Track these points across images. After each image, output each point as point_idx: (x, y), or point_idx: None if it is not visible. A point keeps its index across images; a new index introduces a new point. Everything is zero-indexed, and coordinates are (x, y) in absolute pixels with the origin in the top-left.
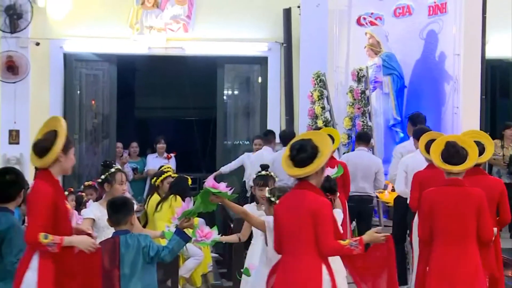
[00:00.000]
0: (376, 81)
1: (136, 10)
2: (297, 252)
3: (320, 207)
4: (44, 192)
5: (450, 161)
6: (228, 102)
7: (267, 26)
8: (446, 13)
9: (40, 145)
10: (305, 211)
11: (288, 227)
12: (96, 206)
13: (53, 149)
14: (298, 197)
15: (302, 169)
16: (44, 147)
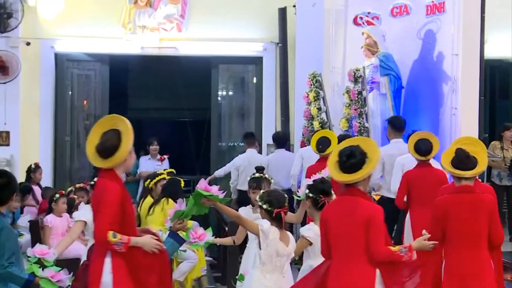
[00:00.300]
0: (373, 82)
1: (129, 9)
2: (350, 258)
3: (374, 214)
4: (113, 190)
5: (461, 167)
6: (222, 103)
7: (262, 26)
8: (444, 13)
9: (106, 145)
10: (359, 217)
11: (340, 233)
12: (88, 209)
13: (121, 149)
14: (349, 204)
15: (351, 175)
16: (111, 147)
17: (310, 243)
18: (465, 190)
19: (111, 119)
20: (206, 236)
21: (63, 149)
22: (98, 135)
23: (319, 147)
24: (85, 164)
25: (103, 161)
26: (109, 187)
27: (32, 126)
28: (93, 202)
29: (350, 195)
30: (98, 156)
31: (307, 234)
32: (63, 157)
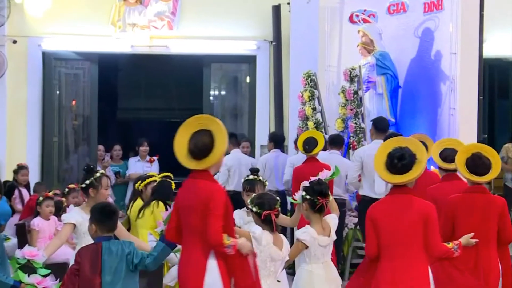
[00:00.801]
0: (369, 81)
1: (119, 7)
2: (407, 255)
3: (431, 211)
4: (221, 192)
5: (476, 171)
6: (215, 103)
7: (256, 24)
8: (442, 10)
9: (200, 146)
10: (416, 215)
11: (395, 232)
12: (78, 211)
13: (216, 149)
14: (403, 202)
15: (402, 177)
16: (205, 148)
17: (306, 247)
18: (478, 190)
19: (198, 119)
20: None
21: (51, 150)
22: (186, 136)
23: (306, 148)
24: (73, 165)
25: (198, 163)
26: (216, 189)
27: (19, 126)
28: (196, 204)
29: (401, 194)
30: (191, 158)
31: (302, 237)
32: (50, 158)
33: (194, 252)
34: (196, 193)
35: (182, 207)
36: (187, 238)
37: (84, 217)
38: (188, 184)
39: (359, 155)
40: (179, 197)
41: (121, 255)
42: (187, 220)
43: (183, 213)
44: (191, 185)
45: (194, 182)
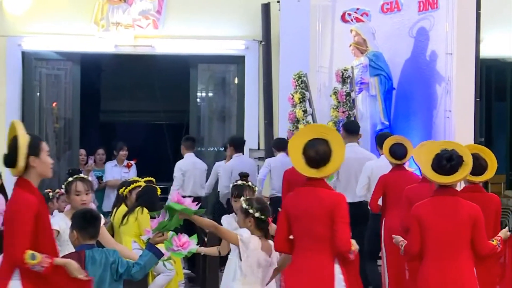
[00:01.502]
0: (362, 82)
1: (102, 5)
2: (455, 254)
3: (479, 212)
4: (345, 200)
5: (472, 172)
6: (201, 105)
7: (244, 23)
8: (437, 9)
9: (321, 155)
10: (465, 216)
11: (444, 232)
12: (62, 217)
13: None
14: (450, 203)
15: (451, 177)
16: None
17: None
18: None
19: (317, 127)
20: (190, 245)
21: None
22: (301, 145)
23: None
24: (54, 170)
25: (317, 171)
26: (341, 198)
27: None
28: (322, 213)
29: (448, 195)
30: (309, 166)
31: None
32: None
33: (320, 259)
34: (320, 202)
35: (300, 215)
36: (307, 245)
37: (68, 223)
38: (305, 192)
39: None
40: (294, 205)
41: (105, 264)
42: (308, 228)
43: (301, 221)
44: (310, 193)
45: (314, 191)
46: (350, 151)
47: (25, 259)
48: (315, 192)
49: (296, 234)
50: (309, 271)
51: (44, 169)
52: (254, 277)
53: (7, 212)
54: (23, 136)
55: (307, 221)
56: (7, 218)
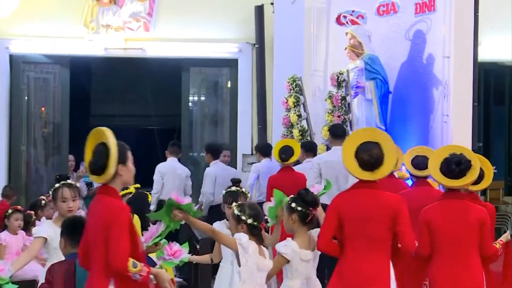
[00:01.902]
0: (358, 86)
1: (91, 7)
2: (464, 257)
3: (486, 215)
4: (404, 201)
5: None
6: (194, 109)
7: (238, 25)
8: (434, 11)
9: (376, 157)
10: (474, 219)
11: (454, 234)
12: (49, 224)
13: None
14: (460, 207)
15: (460, 181)
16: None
17: (287, 261)
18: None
19: (369, 131)
20: (182, 253)
21: (19, 160)
22: (353, 148)
23: (282, 156)
24: (42, 175)
25: (371, 174)
26: (400, 200)
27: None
28: (381, 215)
29: (456, 199)
30: (363, 169)
31: (283, 251)
32: (18, 168)
33: (377, 260)
34: (381, 204)
35: (356, 216)
36: (361, 246)
37: (56, 231)
38: (361, 194)
39: (317, 162)
40: (348, 206)
41: None
42: (364, 229)
43: (356, 222)
44: (368, 195)
45: (372, 193)
46: (334, 155)
47: (128, 267)
48: (374, 194)
49: (349, 235)
50: (366, 272)
51: (129, 177)
52: (253, 282)
53: (98, 220)
54: (114, 144)
55: (364, 222)
56: (100, 227)
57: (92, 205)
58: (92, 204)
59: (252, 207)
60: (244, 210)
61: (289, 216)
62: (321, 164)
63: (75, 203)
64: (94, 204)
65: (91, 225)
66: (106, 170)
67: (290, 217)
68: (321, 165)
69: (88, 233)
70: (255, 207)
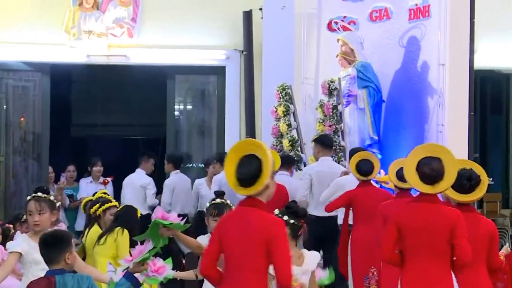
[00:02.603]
0: (350, 95)
1: (73, 12)
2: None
3: (495, 228)
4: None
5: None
6: (180, 118)
7: (225, 31)
8: (429, 17)
9: (437, 171)
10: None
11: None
12: (25, 238)
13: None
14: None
15: (470, 196)
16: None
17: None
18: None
19: (430, 146)
20: (166, 270)
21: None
22: (416, 160)
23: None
24: (22, 187)
25: (431, 187)
26: (459, 214)
27: None
28: (441, 227)
29: (467, 212)
30: (422, 182)
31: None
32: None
33: (440, 271)
34: (442, 217)
35: (418, 228)
36: (423, 258)
37: (32, 245)
38: (422, 207)
39: (308, 173)
40: (409, 218)
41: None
42: (426, 242)
43: (418, 234)
44: (429, 208)
45: (434, 206)
46: (323, 165)
47: (292, 282)
48: (435, 207)
49: (410, 246)
50: (430, 284)
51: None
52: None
53: (254, 234)
54: (269, 157)
55: (427, 234)
56: (259, 241)
57: (241, 218)
58: (238, 216)
59: None
60: None
61: None
62: (312, 175)
63: (42, 216)
64: (244, 217)
65: (241, 238)
66: (258, 182)
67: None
68: (313, 175)
69: (233, 245)
70: None
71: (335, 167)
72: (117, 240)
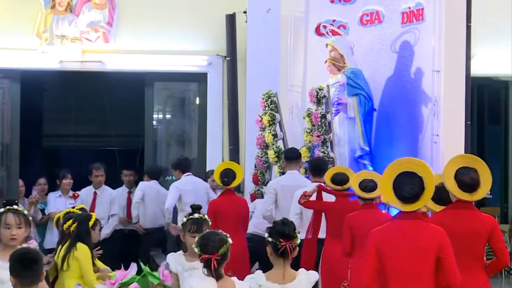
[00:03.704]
0: (339, 103)
1: (45, 16)
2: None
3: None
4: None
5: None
6: (158, 128)
7: (207, 36)
8: (423, 21)
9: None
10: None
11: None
12: None
13: (485, 186)
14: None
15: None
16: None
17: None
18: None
19: (466, 157)
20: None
21: None
22: (454, 170)
23: (224, 180)
24: None
25: (470, 195)
26: (493, 219)
27: None
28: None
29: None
30: (461, 190)
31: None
32: None
33: (479, 276)
34: (483, 223)
35: (460, 234)
36: (464, 263)
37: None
38: (461, 213)
39: (273, 187)
40: (450, 224)
41: None
42: (468, 247)
43: (460, 240)
44: (469, 214)
45: (473, 212)
46: (288, 179)
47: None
48: (474, 213)
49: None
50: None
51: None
52: None
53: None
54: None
55: (468, 240)
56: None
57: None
58: (399, 228)
59: (204, 237)
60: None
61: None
62: (277, 189)
63: (19, 230)
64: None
65: (412, 249)
66: (421, 199)
67: (267, 249)
68: (278, 189)
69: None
70: (208, 235)
71: (302, 181)
72: (76, 258)
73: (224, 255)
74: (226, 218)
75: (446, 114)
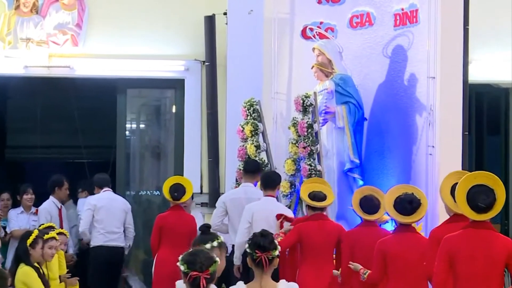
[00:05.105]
0: (327, 112)
1: (8, 17)
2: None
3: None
4: None
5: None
6: (131, 139)
7: (184, 39)
8: (417, 24)
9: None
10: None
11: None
12: None
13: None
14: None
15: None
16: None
17: None
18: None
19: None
20: None
21: None
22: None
23: (174, 195)
24: None
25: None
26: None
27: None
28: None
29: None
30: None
31: None
32: None
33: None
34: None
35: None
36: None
37: None
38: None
39: (222, 201)
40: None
41: None
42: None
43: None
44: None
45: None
46: (241, 192)
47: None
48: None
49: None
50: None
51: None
52: None
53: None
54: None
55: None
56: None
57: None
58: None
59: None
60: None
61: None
62: (226, 203)
63: None
64: (482, 238)
65: (485, 256)
66: (493, 209)
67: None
68: (227, 203)
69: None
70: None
71: (254, 193)
72: (20, 280)
73: (213, 274)
74: (172, 233)
75: (442, 124)
